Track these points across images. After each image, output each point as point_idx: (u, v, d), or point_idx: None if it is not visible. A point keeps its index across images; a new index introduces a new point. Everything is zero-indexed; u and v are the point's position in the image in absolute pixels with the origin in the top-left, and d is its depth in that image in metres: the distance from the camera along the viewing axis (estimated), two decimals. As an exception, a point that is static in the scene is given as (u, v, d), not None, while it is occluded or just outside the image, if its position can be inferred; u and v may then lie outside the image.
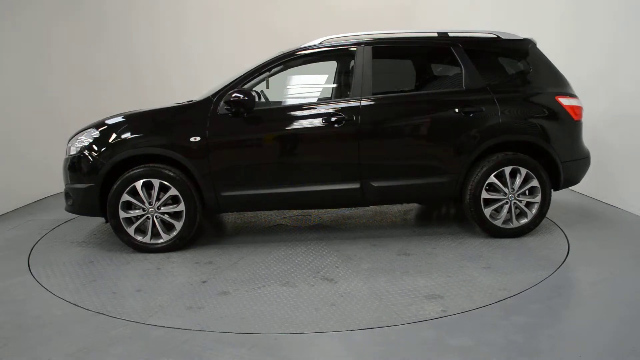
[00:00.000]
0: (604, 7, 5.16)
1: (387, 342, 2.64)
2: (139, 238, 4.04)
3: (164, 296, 3.25)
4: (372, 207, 5.34)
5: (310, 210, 5.24)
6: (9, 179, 5.58)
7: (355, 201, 4.23)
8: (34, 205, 5.92)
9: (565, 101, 4.25)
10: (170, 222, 4.03)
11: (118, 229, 4.01)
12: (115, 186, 3.94)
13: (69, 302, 3.18)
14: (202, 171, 3.97)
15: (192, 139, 3.95)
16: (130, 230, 4.01)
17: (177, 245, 4.07)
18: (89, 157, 3.98)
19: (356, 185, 4.09)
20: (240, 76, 4.10)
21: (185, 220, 4.02)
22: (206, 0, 7.49)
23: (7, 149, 5.61)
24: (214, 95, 4.05)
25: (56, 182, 5.81)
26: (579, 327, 2.79)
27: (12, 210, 5.62)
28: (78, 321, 2.92)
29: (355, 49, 4.18)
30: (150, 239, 4.05)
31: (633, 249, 3.98)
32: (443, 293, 3.20)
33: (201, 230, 4.68)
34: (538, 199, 4.22)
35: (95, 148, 3.98)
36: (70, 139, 4.19)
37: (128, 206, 4.00)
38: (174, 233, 4.05)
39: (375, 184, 4.10)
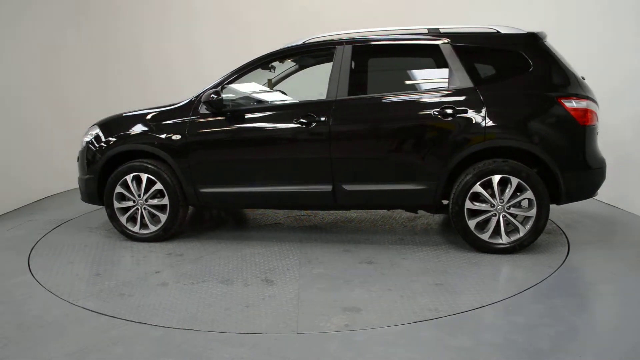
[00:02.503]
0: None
1: (388, 342, 2.64)
2: (130, 227, 4.39)
3: (111, 282, 3.52)
4: (380, 211, 5.15)
5: (316, 212, 5.22)
6: (9, 179, 5.54)
7: (327, 204, 4.15)
8: (34, 205, 5.87)
9: (569, 103, 3.71)
10: (157, 214, 4.32)
11: (112, 217, 4.40)
12: (109, 179, 4.33)
13: (69, 302, 3.20)
14: (182, 168, 4.18)
15: (174, 137, 4.19)
16: (123, 220, 4.37)
17: (161, 236, 4.34)
18: (90, 151, 4.42)
19: (328, 188, 4.00)
20: (223, 77, 4.23)
21: (169, 213, 4.28)
22: (215, 0, 7.42)
23: (7, 148, 5.58)
24: (196, 95, 4.24)
25: (56, 182, 6.28)
26: (579, 327, 2.77)
27: (12, 210, 5.57)
28: (78, 321, 2.94)
29: (334, 48, 4.08)
30: (140, 228, 4.37)
31: (633, 249, 3.95)
32: (365, 307, 3.04)
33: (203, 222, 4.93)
34: (533, 212, 3.76)
35: (95, 143, 4.41)
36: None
37: (122, 197, 4.37)
38: (160, 225, 4.33)
39: (348, 188, 3.98)
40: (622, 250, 3.93)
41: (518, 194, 3.78)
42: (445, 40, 3.92)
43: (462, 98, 3.81)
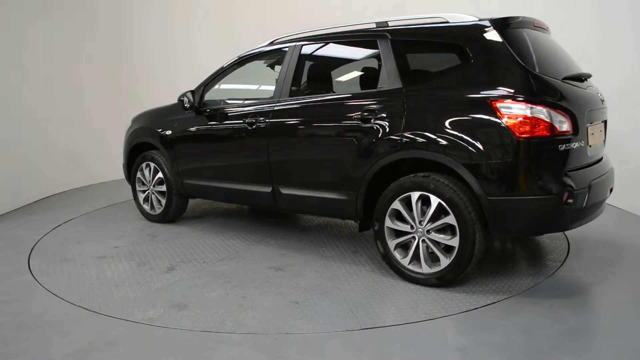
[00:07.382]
0: None
1: (387, 341, 2.63)
2: (145, 207, 5.12)
3: (73, 249, 4.22)
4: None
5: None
6: (9, 179, 5.56)
7: (270, 205, 4.10)
8: (34, 205, 5.89)
9: (506, 108, 2.90)
10: (160, 199, 4.94)
11: (135, 198, 5.20)
12: (133, 166, 5.13)
13: (69, 302, 3.21)
14: (172, 160, 4.69)
15: (167, 132, 4.72)
16: (141, 200, 5.13)
17: (162, 219, 4.95)
18: (125, 141, 5.29)
19: (268, 190, 3.99)
20: (203, 80, 4.55)
21: (167, 199, 4.86)
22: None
23: (7, 149, 5.60)
24: (184, 95, 4.67)
25: (56, 182, 6.40)
26: (579, 327, 2.75)
27: (12, 210, 5.60)
28: (78, 321, 2.94)
29: (287, 48, 4.00)
30: (150, 209, 5.07)
31: (633, 249, 3.93)
32: (195, 307, 3.06)
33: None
34: (455, 242, 3.09)
35: (127, 135, 5.26)
36: None
37: (142, 182, 5.12)
38: (161, 209, 4.94)
39: (284, 191, 3.90)
40: (622, 250, 3.90)
41: (442, 216, 3.14)
42: (384, 35, 3.46)
43: (384, 101, 3.33)
